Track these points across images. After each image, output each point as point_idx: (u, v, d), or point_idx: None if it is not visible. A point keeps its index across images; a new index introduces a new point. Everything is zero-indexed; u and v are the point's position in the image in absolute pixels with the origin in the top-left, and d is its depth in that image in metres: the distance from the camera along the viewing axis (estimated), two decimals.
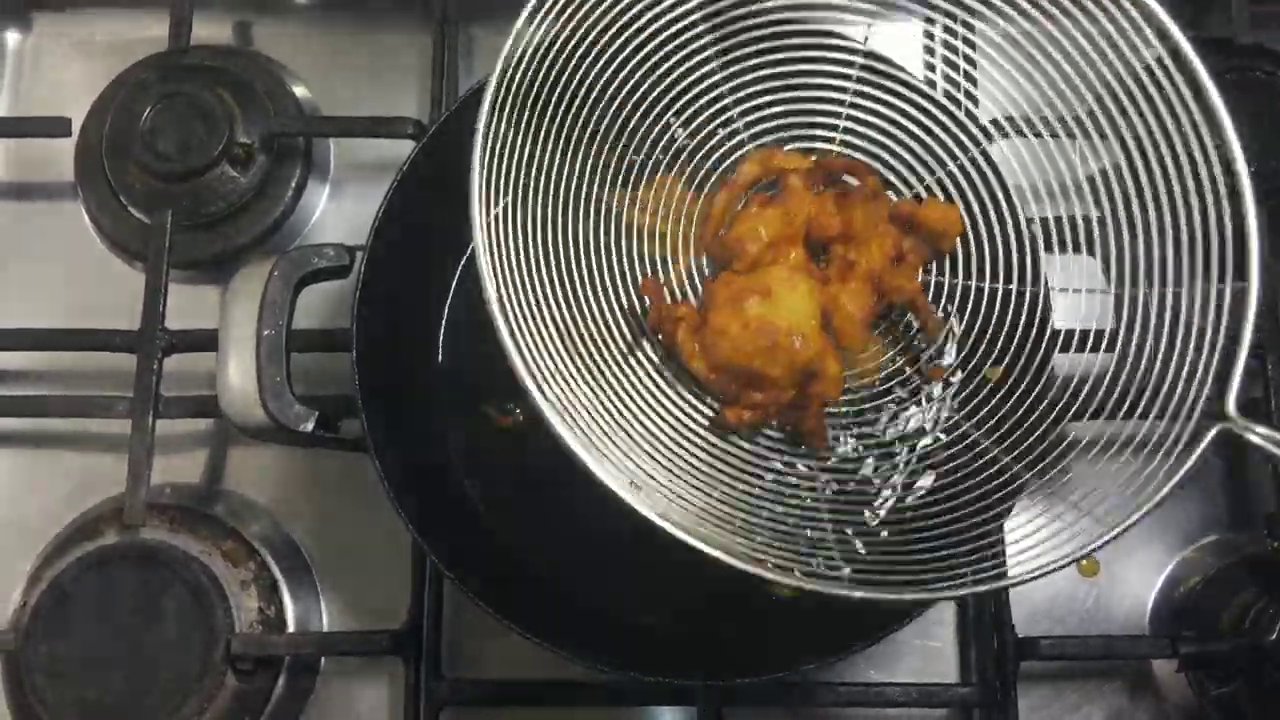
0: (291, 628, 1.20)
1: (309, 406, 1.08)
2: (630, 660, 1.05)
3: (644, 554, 1.13)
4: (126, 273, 1.31)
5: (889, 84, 1.07)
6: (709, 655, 1.13)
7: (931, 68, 1.27)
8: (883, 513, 1.06)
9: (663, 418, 0.99)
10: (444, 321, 1.23)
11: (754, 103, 1.06)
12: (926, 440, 1.06)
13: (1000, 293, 1.05)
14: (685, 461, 0.97)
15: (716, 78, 1.05)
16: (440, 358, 1.23)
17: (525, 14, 0.93)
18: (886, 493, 1.07)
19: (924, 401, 1.07)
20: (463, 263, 1.23)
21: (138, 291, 1.23)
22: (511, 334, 0.88)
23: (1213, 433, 0.89)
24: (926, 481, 1.06)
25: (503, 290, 0.90)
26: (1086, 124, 0.97)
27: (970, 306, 1.06)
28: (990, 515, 0.95)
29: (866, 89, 1.07)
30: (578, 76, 0.99)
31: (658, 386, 1.01)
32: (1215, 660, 1.14)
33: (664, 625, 1.15)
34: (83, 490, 1.25)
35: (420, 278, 1.20)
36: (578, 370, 0.96)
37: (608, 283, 1.02)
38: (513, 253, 0.94)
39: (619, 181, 1.04)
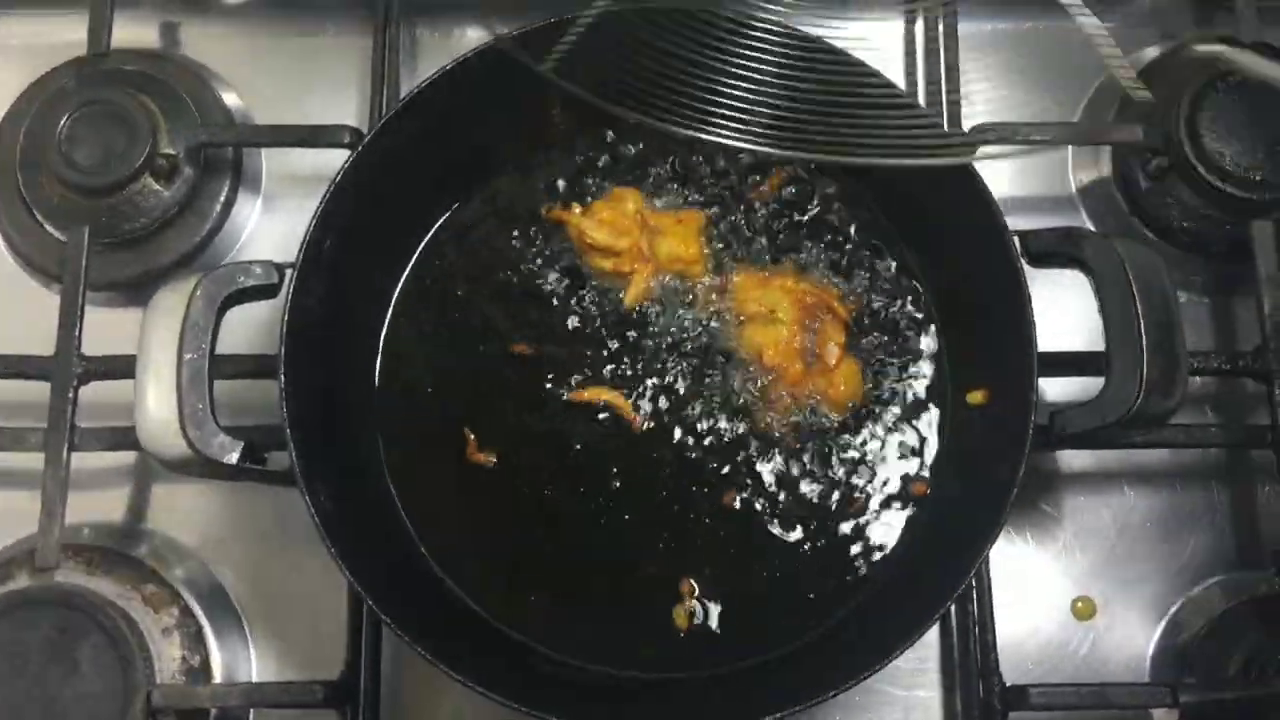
0: (218, 678, 1.18)
1: (234, 436, 1.05)
2: (586, 712, 1.05)
3: (603, 599, 1.16)
4: (40, 294, 1.29)
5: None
6: (672, 707, 1.12)
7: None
8: None
9: None
10: (382, 344, 1.21)
11: None
12: None
13: None
14: None
15: None
16: (378, 383, 1.21)
17: None
18: None
19: None
20: (402, 281, 1.22)
21: (52, 314, 1.19)
22: None
23: None
24: None
25: None
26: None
27: None
28: None
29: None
30: None
31: None
32: (1220, 711, 1.11)
33: (623, 675, 1.14)
34: None
35: (356, 297, 1.18)
36: None
37: None
38: None
39: None
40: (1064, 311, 1.20)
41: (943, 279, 1.21)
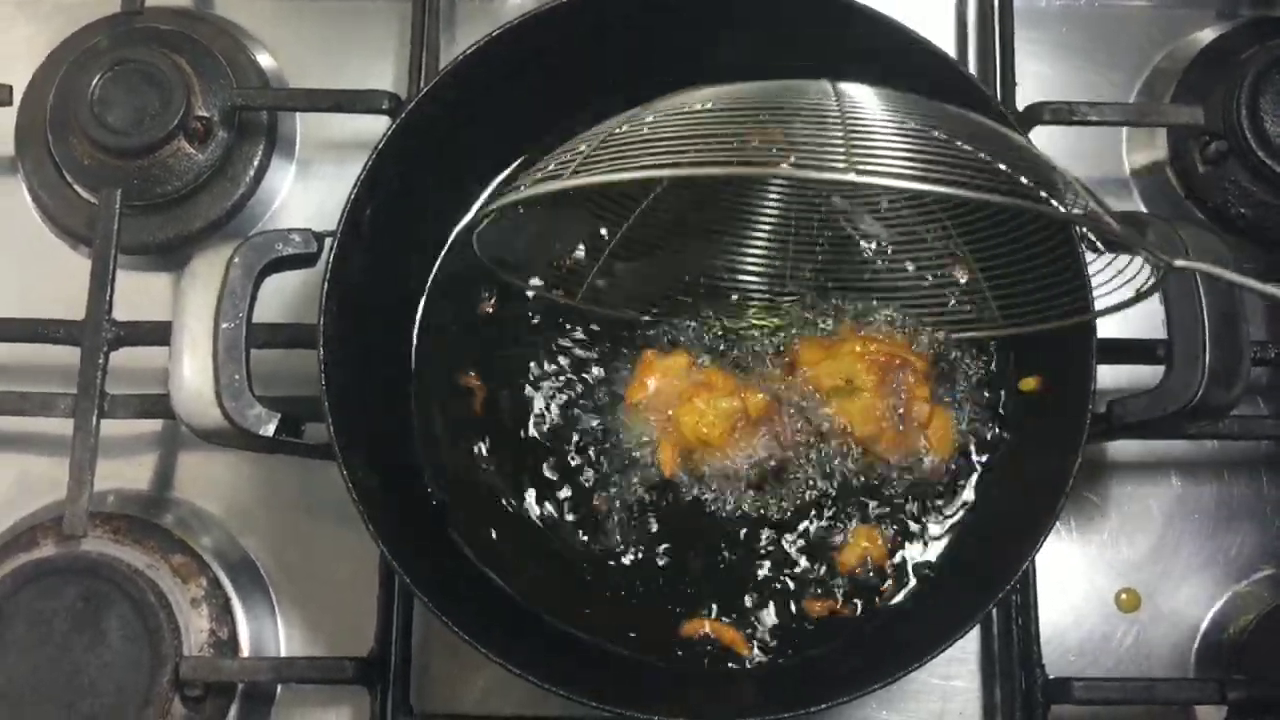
0: (246, 651, 1.17)
1: (270, 408, 1.05)
2: (622, 697, 1.02)
3: (642, 581, 1.15)
4: (70, 257, 1.29)
5: None
6: (710, 693, 1.11)
7: None
8: None
9: None
10: (420, 316, 1.21)
11: None
12: None
13: None
14: None
15: None
16: (416, 357, 1.20)
17: None
18: None
19: None
20: (443, 253, 1.21)
21: (83, 278, 1.19)
22: None
23: None
24: None
25: None
26: None
27: None
28: None
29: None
30: None
31: None
32: (1268, 707, 1.11)
33: (663, 661, 1.13)
34: (18, 496, 1.23)
35: (396, 268, 1.17)
36: None
37: None
38: None
39: None
40: None
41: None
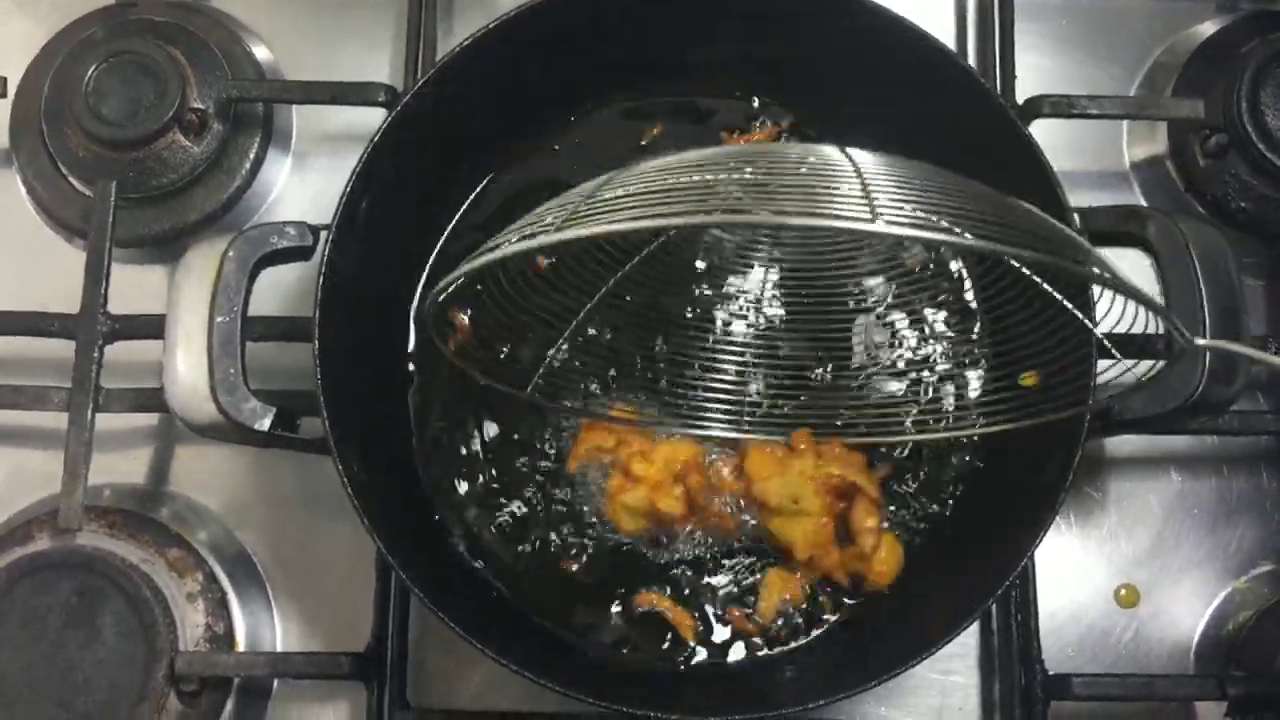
0: (242, 646, 1.17)
1: (265, 402, 1.05)
2: (619, 694, 1.02)
3: (639, 575, 1.14)
4: (65, 250, 1.28)
5: None
6: (707, 690, 1.11)
7: None
8: None
9: None
10: (416, 310, 1.20)
11: None
12: None
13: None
14: None
15: None
16: (413, 350, 1.20)
17: None
18: None
19: None
20: (439, 246, 1.21)
21: (77, 271, 1.18)
22: None
23: None
24: None
25: None
26: None
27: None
28: None
29: None
30: None
31: None
32: (1269, 703, 1.10)
33: (658, 657, 1.13)
34: (13, 490, 1.23)
35: (391, 261, 1.17)
36: None
37: None
38: None
39: None
40: None
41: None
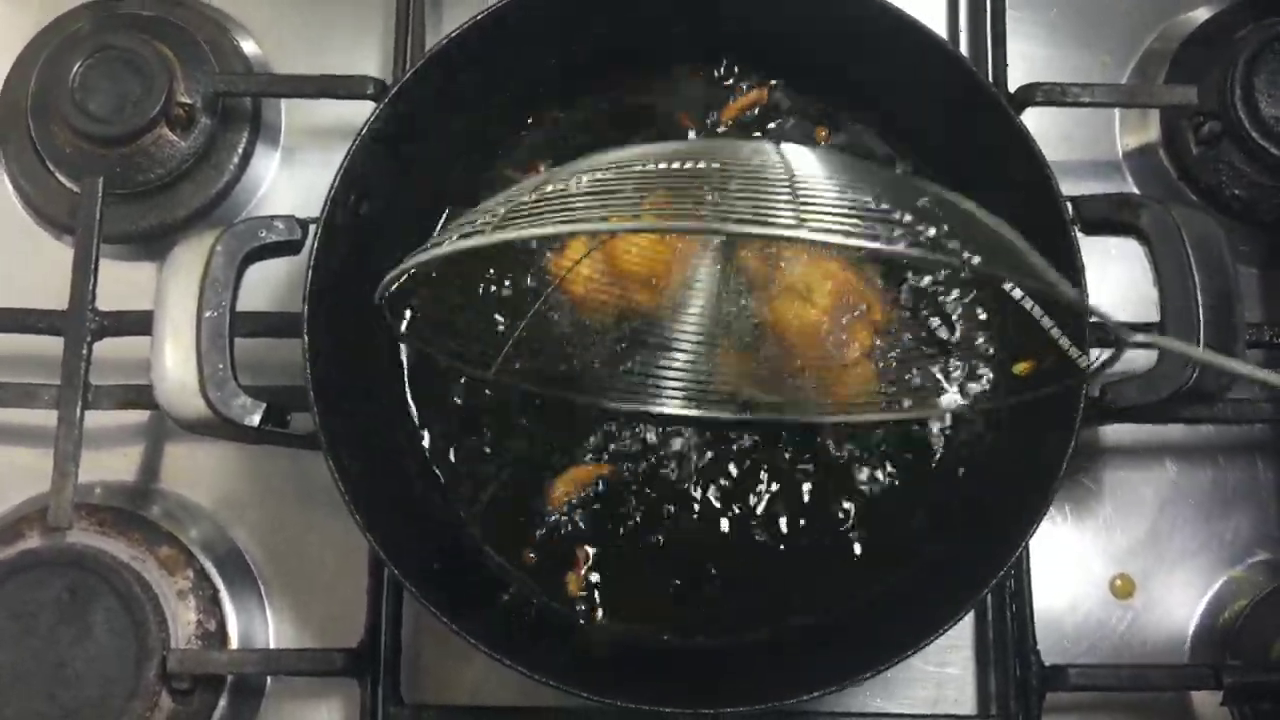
0: (234, 644, 1.17)
1: (255, 398, 1.05)
2: (614, 687, 1.02)
3: (634, 567, 1.15)
4: (53, 246, 1.28)
5: None
6: (702, 682, 1.11)
7: None
8: None
9: None
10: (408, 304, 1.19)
11: None
12: None
13: None
14: None
15: None
16: (403, 344, 1.20)
17: None
18: None
19: None
20: (431, 238, 1.19)
21: (65, 268, 1.18)
22: None
23: None
24: None
25: None
26: None
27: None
28: None
29: None
30: None
31: None
32: (1264, 692, 1.10)
33: (653, 649, 1.13)
34: (2, 488, 1.23)
35: (381, 255, 1.12)
36: None
37: None
38: None
39: None
40: (1114, 281, 1.19)
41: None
